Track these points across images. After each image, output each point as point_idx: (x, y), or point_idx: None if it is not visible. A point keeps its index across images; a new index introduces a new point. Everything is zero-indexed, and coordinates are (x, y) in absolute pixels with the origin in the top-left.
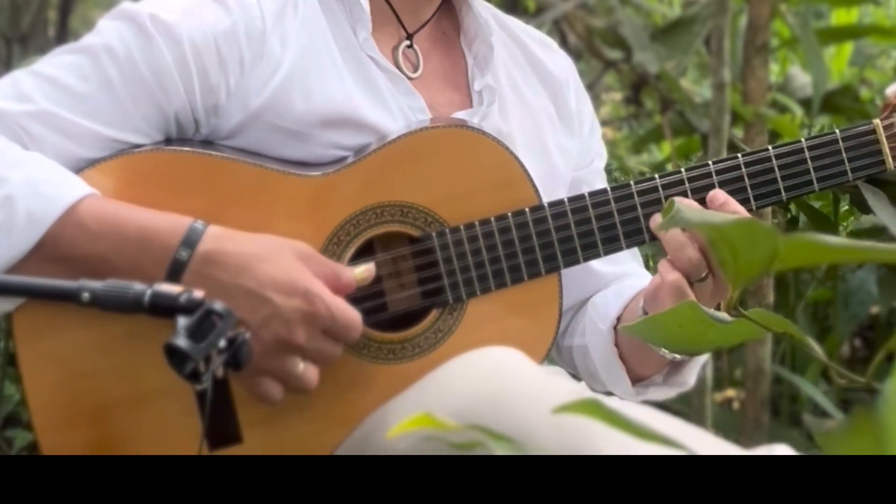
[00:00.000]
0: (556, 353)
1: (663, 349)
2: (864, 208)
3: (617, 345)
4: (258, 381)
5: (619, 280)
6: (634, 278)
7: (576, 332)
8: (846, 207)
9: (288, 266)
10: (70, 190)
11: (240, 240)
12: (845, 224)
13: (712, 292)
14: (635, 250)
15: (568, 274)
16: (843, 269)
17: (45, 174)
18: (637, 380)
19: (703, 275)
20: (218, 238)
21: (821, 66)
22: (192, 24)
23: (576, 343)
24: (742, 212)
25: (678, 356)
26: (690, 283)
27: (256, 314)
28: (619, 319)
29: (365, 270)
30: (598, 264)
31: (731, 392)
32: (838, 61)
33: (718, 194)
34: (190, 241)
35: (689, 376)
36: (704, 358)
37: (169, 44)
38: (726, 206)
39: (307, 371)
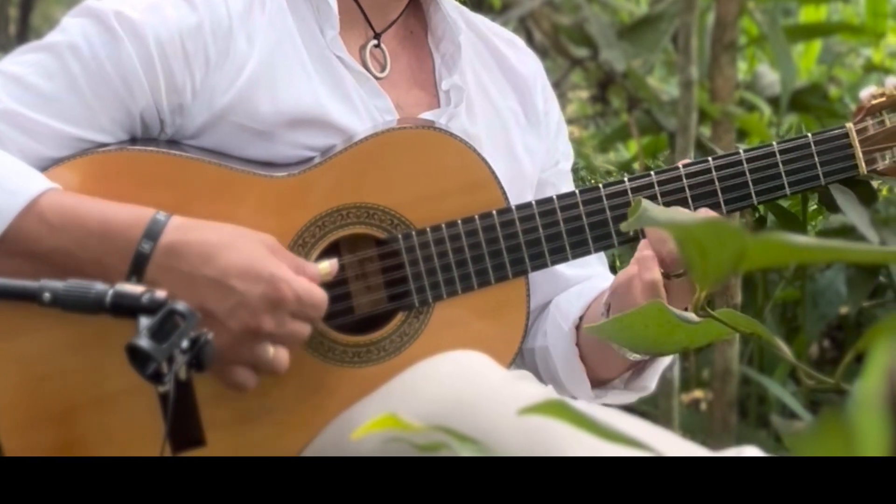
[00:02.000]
0: (518, 357)
1: (625, 351)
2: (833, 208)
3: (578, 345)
4: (230, 370)
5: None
6: (598, 279)
7: (538, 334)
8: (815, 207)
9: (251, 252)
10: (32, 184)
11: (203, 229)
12: (814, 223)
13: (688, 290)
14: (602, 253)
15: (534, 277)
16: (811, 268)
17: (6, 170)
18: (598, 382)
19: (682, 270)
20: (180, 228)
21: (789, 64)
22: (157, 21)
23: (538, 345)
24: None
25: (638, 356)
26: (668, 277)
27: (222, 304)
28: (581, 319)
29: (329, 265)
30: (563, 267)
31: (698, 393)
32: (807, 59)
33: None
34: (152, 232)
35: (650, 381)
36: (666, 362)
37: (134, 42)
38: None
39: (278, 354)
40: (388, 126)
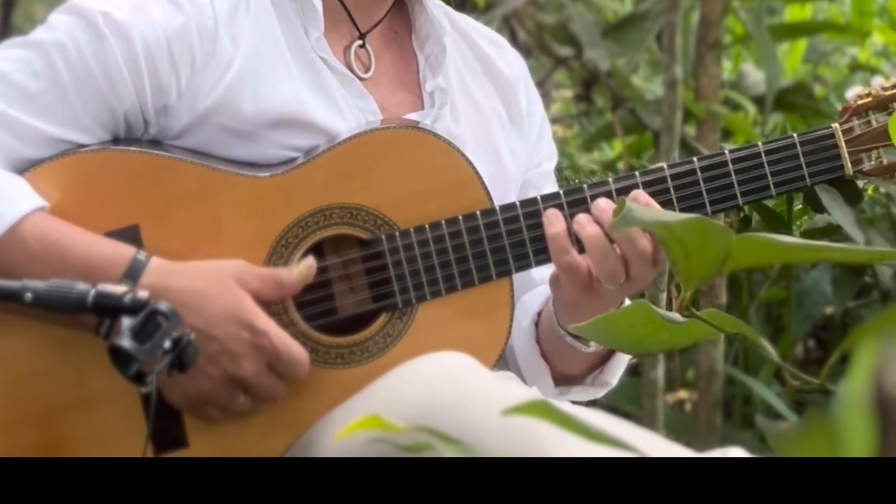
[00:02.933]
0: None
1: (580, 343)
2: (819, 207)
3: (538, 342)
4: (200, 409)
5: None
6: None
7: None
8: (800, 206)
9: (231, 298)
10: (16, 205)
11: (181, 273)
12: (799, 223)
13: (617, 295)
14: None
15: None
16: (796, 268)
17: None
18: (561, 379)
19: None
20: (160, 272)
21: (774, 63)
22: (143, 22)
23: None
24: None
25: (593, 348)
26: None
27: (203, 352)
28: (539, 315)
29: (305, 268)
30: (536, 269)
31: (683, 394)
32: (792, 58)
33: (640, 195)
34: (132, 272)
35: (612, 376)
36: (627, 358)
37: (120, 43)
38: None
39: (246, 403)
40: (372, 126)
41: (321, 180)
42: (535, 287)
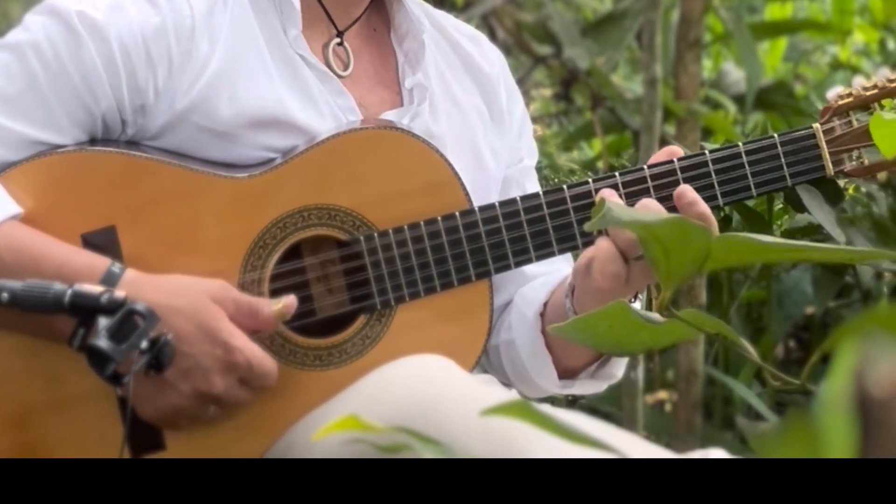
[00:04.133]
0: (483, 357)
1: None
2: (799, 207)
3: (543, 332)
4: (171, 420)
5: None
6: (562, 271)
7: (502, 328)
8: (780, 206)
9: (204, 315)
10: None
11: (156, 287)
12: (779, 223)
13: (648, 273)
14: (568, 255)
15: (500, 276)
16: (777, 268)
17: None
18: (564, 372)
19: (641, 253)
20: (134, 284)
21: (754, 62)
22: (120, 22)
23: (502, 339)
24: (708, 214)
25: None
26: (626, 261)
27: (175, 368)
28: (545, 305)
29: (284, 307)
30: (529, 266)
31: (662, 394)
32: (772, 57)
33: (687, 192)
34: (107, 285)
35: (618, 369)
36: None
37: (97, 43)
38: (693, 208)
39: (216, 412)
40: (350, 127)
41: (299, 181)
42: (526, 282)
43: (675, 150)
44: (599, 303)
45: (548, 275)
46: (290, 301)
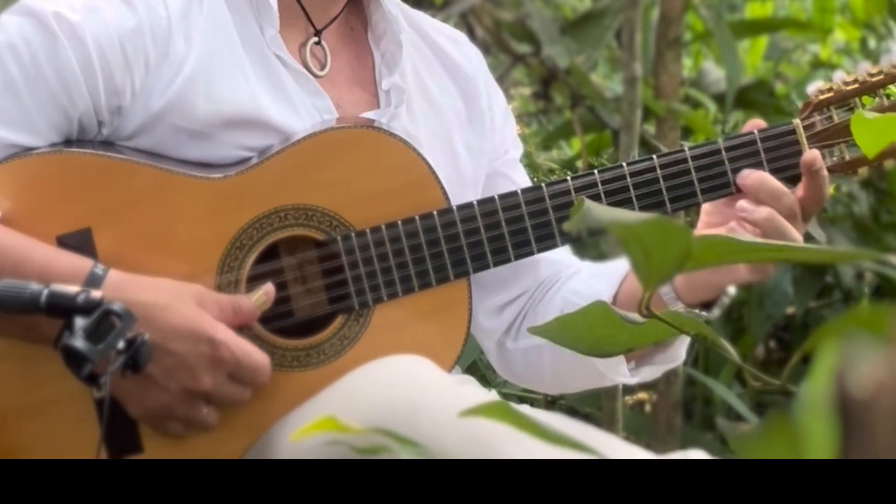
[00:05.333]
0: (501, 361)
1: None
2: None
3: None
4: (163, 423)
5: (568, 265)
6: (613, 265)
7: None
8: None
9: (188, 313)
10: None
11: (140, 287)
12: None
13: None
14: (567, 246)
15: (515, 266)
16: None
17: None
18: (627, 359)
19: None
20: (117, 286)
21: (734, 61)
22: (96, 23)
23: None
24: (780, 188)
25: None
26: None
27: (161, 366)
28: (615, 298)
29: (263, 295)
30: (547, 254)
31: (642, 395)
32: (753, 55)
33: (818, 158)
34: (90, 286)
35: (681, 350)
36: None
37: (73, 44)
38: (765, 184)
39: (209, 413)
40: (327, 126)
41: (276, 181)
42: (542, 275)
43: (759, 123)
44: (693, 289)
45: (594, 267)
46: (268, 289)
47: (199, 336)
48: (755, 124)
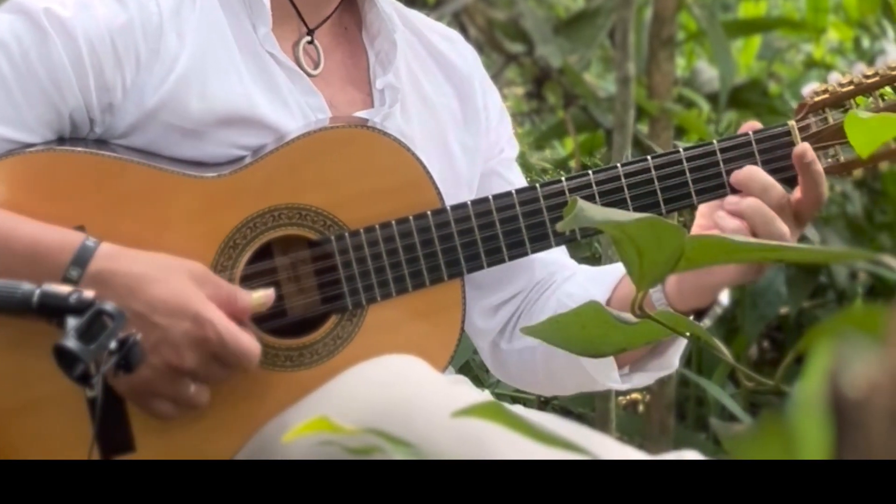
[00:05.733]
0: (495, 361)
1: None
2: None
3: None
4: (150, 402)
5: (563, 267)
6: (607, 268)
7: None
8: None
9: (179, 287)
10: None
11: (132, 259)
12: None
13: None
14: (564, 247)
15: (510, 266)
16: None
17: None
18: (622, 363)
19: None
20: (109, 257)
21: (728, 60)
22: (87, 20)
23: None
24: (770, 181)
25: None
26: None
27: (146, 339)
28: (608, 303)
29: (263, 297)
30: (540, 255)
31: (635, 395)
32: (746, 55)
33: (808, 151)
34: (81, 259)
35: (674, 358)
36: (685, 341)
37: (64, 41)
38: (754, 176)
39: (198, 392)
40: (321, 125)
41: (269, 180)
42: (536, 276)
43: (755, 125)
44: (708, 279)
45: (589, 270)
46: (269, 293)
47: (184, 311)
48: (751, 126)
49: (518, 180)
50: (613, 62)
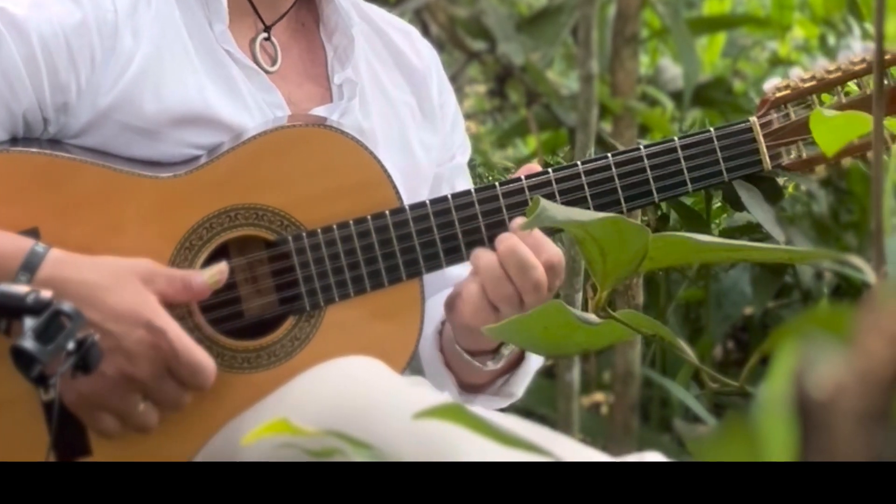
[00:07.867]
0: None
1: (487, 363)
2: (738, 205)
3: (442, 350)
4: (96, 415)
5: None
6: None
7: None
8: (719, 204)
9: (131, 295)
10: None
11: (81, 266)
12: (717, 222)
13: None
14: None
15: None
16: (715, 268)
17: None
18: (465, 386)
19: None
20: (59, 264)
21: (692, 58)
22: (41, 18)
23: None
24: (530, 262)
25: (490, 366)
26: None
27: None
28: (443, 324)
29: (217, 273)
30: (452, 269)
31: (599, 396)
32: (710, 52)
33: (509, 240)
34: (30, 265)
35: (518, 387)
36: (535, 367)
37: (17, 40)
38: (515, 254)
39: (147, 412)
40: (277, 124)
41: (225, 180)
42: (446, 287)
43: (533, 167)
44: (469, 335)
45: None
46: (222, 267)
47: (136, 319)
48: (529, 168)
49: (466, 188)
50: (576, 60)
